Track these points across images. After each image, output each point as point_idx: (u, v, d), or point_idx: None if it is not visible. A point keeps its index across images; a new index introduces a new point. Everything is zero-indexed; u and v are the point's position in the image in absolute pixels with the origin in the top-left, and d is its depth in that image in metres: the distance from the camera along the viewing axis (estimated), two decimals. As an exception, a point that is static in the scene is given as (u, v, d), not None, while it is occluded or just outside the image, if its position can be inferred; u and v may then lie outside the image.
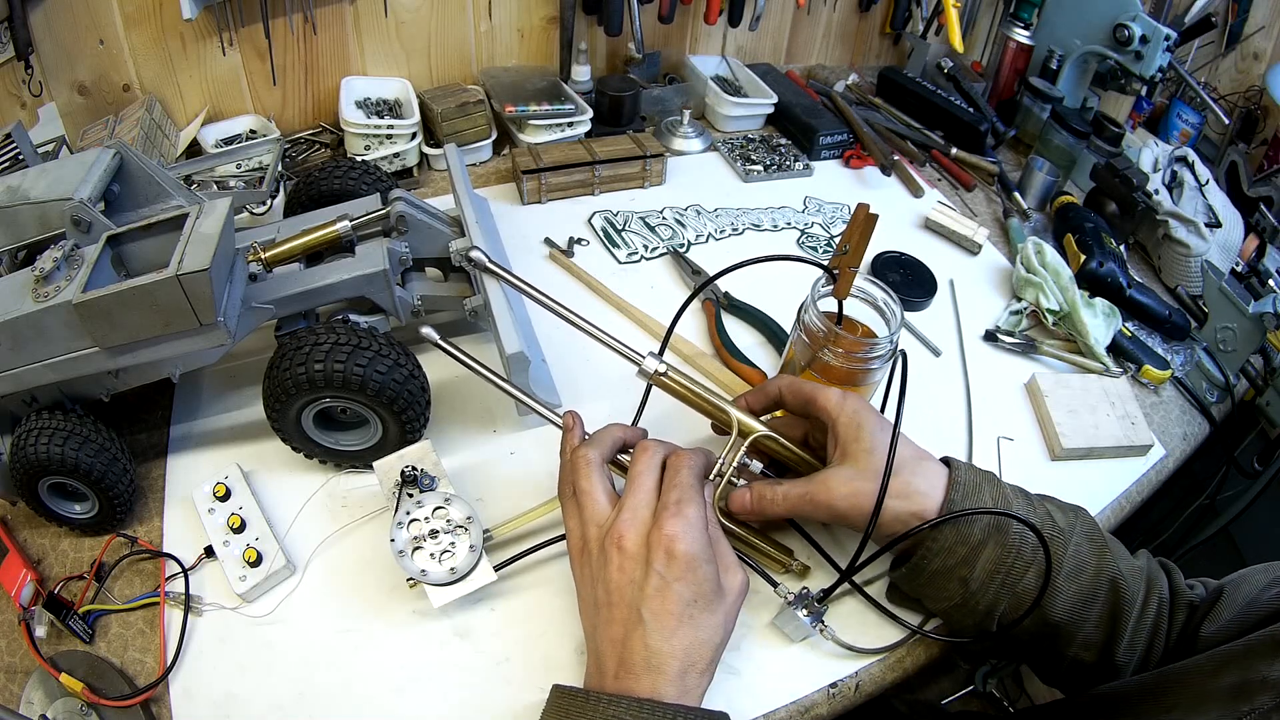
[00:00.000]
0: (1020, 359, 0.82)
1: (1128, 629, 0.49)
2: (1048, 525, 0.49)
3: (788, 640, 0.56)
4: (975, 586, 0.49)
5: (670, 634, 0.43)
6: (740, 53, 1.25)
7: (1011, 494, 0.51)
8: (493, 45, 1.07)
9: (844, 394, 0.53)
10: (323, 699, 0.51)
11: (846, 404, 0.52)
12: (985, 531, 0.49)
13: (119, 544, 0.59)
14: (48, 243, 0.56)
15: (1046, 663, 0.55)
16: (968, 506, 0.49)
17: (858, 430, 0.51)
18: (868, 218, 0.57)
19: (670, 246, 0.91)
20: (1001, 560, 0.48)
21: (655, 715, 0.41)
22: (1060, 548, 0.49)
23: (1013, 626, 0.50)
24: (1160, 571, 0.54)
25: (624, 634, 0.44)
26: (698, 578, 0.44)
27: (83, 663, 0.52)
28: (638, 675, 0.43)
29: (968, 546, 0.49)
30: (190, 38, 0.89)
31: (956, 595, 0.50)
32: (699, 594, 0.44)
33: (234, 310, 0.55)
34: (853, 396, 0.53)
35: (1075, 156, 1.08)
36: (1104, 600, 0.49)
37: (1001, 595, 0.49)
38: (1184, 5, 1.18)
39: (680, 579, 0.44)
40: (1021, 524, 0.48)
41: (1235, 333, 0.82)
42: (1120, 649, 0.50)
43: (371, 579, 0.57)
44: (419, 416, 0.61)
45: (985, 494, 0.50)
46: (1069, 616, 0.49)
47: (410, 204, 0.66)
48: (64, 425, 0.55)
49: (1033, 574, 0.48)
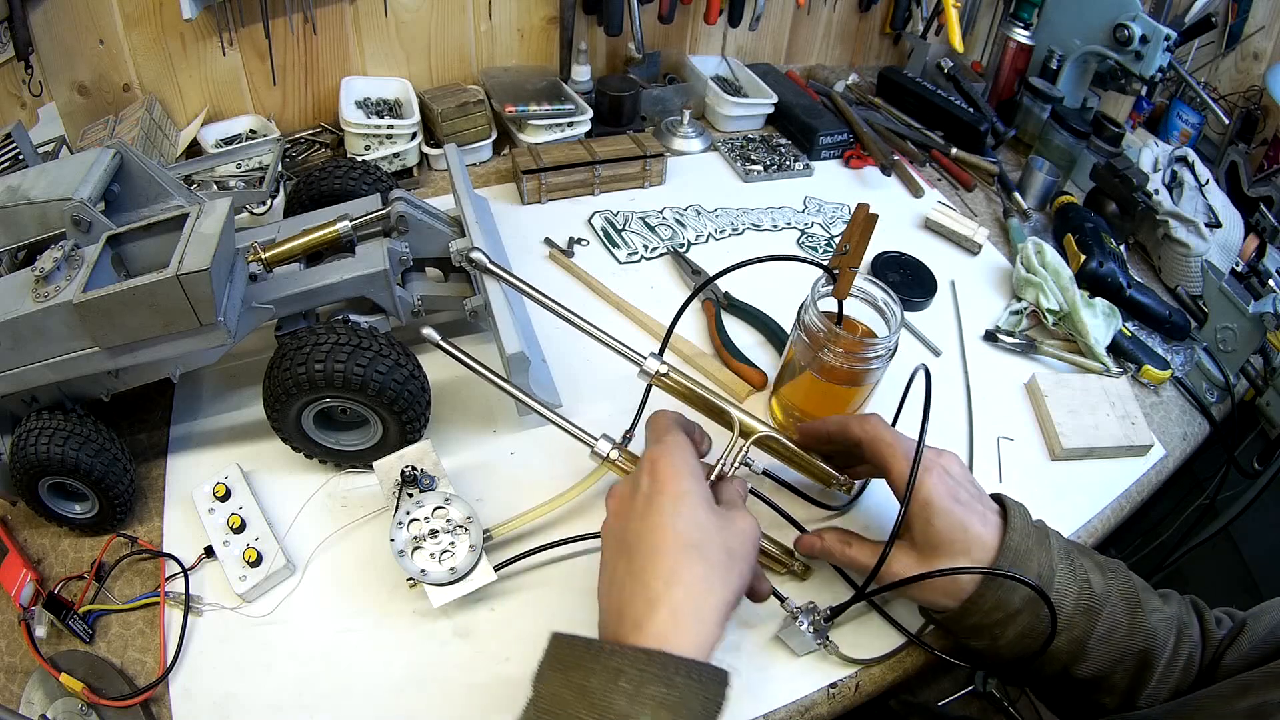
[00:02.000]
0: (1020, 359, 0.82)
1: (1154, 677, 0.50)
2: (1084, 595, 0.49)
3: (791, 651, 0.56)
4: (1003, 644, 0.50)
5: (670, 575, 0.43)
6: (740, 53, 1.25)
7: (1057, 558, 0.50)
8: (493, 45, 1.07)
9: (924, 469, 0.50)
10: (323, 699, 0.51)
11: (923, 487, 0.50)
12: (1024, 602, 0.49)
13: (119, 544, 0.59)
14: (48, 243, 0.57)
15: (1064, 704, 0.55)
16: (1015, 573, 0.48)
17: (926, 522, 0.50)
18: (868, 218, 0.57)
19: (670, 246, 0.91)
20: (1033, 628, 0.49)
21: (656, 666, 0.40)
22: (1095, 617, 0.49)
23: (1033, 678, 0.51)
24: (1191, 615, 0.53)
25: (625, 577, 0.45)
26: (685, 509, 0.45)
27: (83, 663, 0.52)
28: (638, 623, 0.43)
29: (1005, 613, 0.49)
30: (190, 38, 0.89)
31: (984, 644, 0.51)
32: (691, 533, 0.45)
33: (234, 310, 0.55)
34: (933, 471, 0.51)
35: (1075, 156, 1.08)
36: (1134, 657, 0.50)
37: (1029, 654, 0.50)
38: (1184, 5, 1.18)
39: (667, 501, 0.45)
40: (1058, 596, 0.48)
41: (1235, 333, 0.82)
42: (1143, 696, 0.50)
43: (371, 579, 0.57)
44: (419, 416, 0.61)
45: (1033, 560, 0.49)
46: (1096, 673, 0.50)
47: (410, 204, 0.66)
48: (64, 425, 0.55)
49: (1063, 640, 0.49)
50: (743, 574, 0.46)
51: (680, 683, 0.40)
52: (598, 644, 0.42)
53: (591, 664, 0.41)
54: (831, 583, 0.60)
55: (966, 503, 0.50)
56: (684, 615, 0.43)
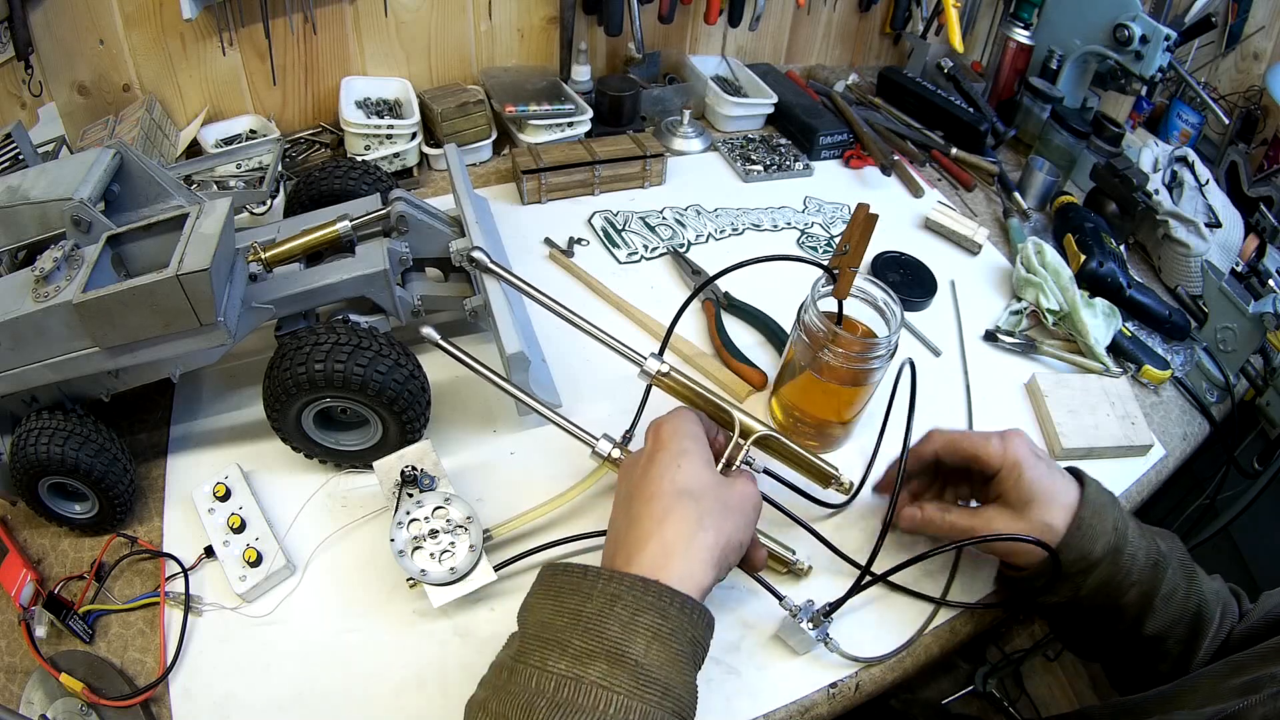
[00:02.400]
0: (1020, 359, 0.82)
1: (1204, 644, 0.53)
2: (1153, 551, 0.53)
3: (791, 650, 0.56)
4: (1084, 594, 0.53)
5: (663, 516, 0.45)
6: (740, 53, 1.25)
7: (1128, 519, 0.54)
8: (493, 45, 1.07)
9: (1004, 441, 0.55)
10: (323, 699, 0.51)
11: (1008, 453, 0.55)
12: (1104, 550, 0.52)
13: (119, 544, 0.59)
14: (48, 243, 0.57)
15: (1125, 669, 0.59)
16: (1094, 526, 0.52)
17: (1017, 479, 0.54)
18: (868, 218, 0.57)
19: (670, 246, 0.91)
20: (1112, 577, 0.52)
21: (652, 595, 0.41)
22: (1160, 575, 0.53)
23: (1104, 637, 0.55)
24: (1231, 597, 0.57)
25: (624, 524, 0.46)
26: (687, 465, 0.47)
27: (83, 663, 0.52)
28: (629, 557, 0.44)
29: (1087, 562, 0.52)
30: (190, 38, 0.89)
31: (1066, 596, 0.54)
32: (689, 483, 0.46)
33: (234, 310, 0.55)
34: (1015, 442, 0.55)
35: (1075, 156, 1.08)
36: (1189, 620, 0.53)
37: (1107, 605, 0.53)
38: (1184, 5, 1.18)
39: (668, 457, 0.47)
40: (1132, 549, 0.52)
41: (1235, 333, 0.82)
42: (1195, 661, 0.53)
43: (371, 579, 0.57)
44: (419, 416, 0.61)
45: (1109, 514, 0.53)
46: (1159, 630, 0.53)
47: (410, 204, 0.66)
48: (64, 425, 0.55)
49: (1134, 594, 0.52)
50: (738, 526, 0.47)
51: (674, 615, 0.41)
52: (595, 570, 0.43)
53: (589, 589, 0.41)
54: (831, 581, 0.60)
55: (1048, 461, 0.55)
56: (674, 550, 0.43)
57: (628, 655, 0.39)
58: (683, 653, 0.41)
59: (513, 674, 0.40)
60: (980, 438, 0.57)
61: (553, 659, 0.39)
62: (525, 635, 0.42)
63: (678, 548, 0.44)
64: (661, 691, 0.39)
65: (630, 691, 0.38)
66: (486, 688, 0.42)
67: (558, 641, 0.40)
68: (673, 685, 0.39)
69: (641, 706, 0.38)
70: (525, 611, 0.44)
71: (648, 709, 0.38)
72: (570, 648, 0.39)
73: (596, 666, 0.38)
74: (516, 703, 0.38)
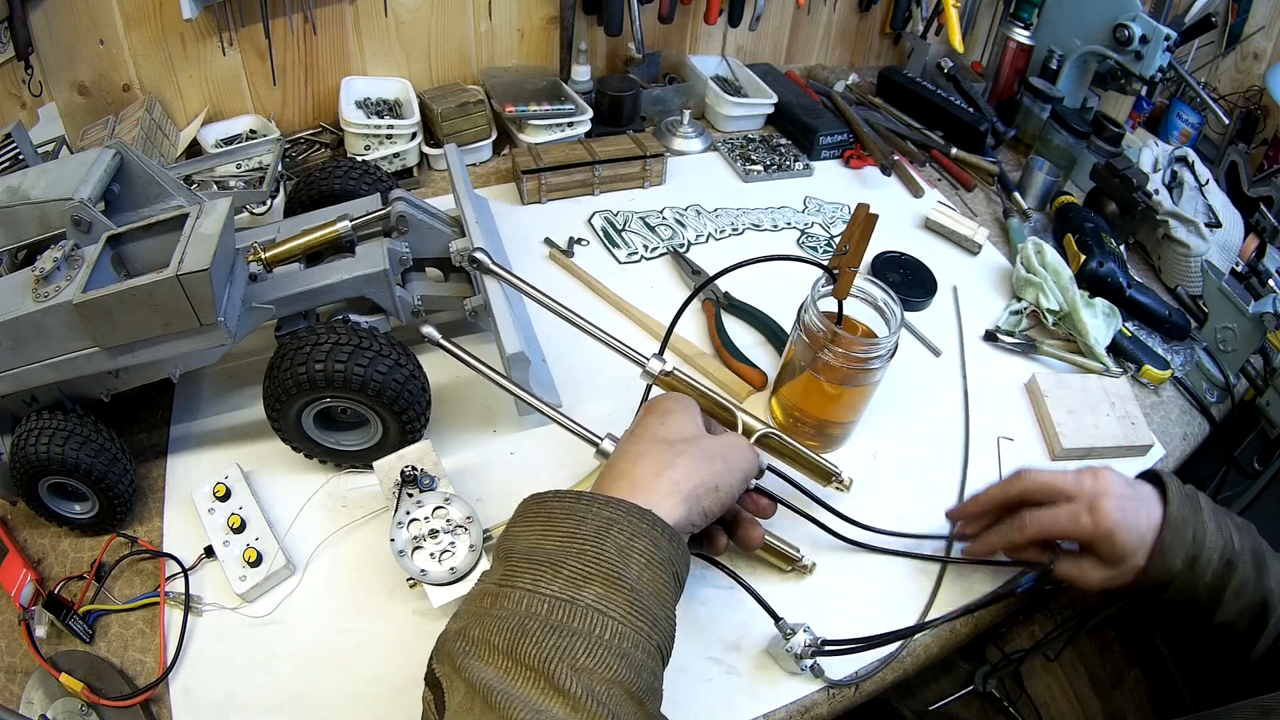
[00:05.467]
0: (1020, 359, 0.82)
1: (1266, 630, 0.53)
2: (1227, 550, 0.53)
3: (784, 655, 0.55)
4: (1166, 597, 0.54)
5: (637, 457, 0.46)
6: (740, 53, 1.25)
7: (1207, 518, 0.54)
8: (493, 45, 1.07)
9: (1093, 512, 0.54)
10: (323, 699, 0.51)
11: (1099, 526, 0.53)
12: (1183, 564, 0.52)
13: (119, 544, 0.59)
14: (48, 243, 0.56)
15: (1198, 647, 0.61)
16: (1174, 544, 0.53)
17: (1110, 548, 0.53)
18: (868, 218, 0.57)
19: (670, 246, 0.91)
20: (1187, 583, 0.53)
21: (647, 523, 0.40)
22: (1232, 571, 0.53)
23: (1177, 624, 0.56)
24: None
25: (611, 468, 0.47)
26: (671, 421, 0.49)
27: (83, 663, 0.52)
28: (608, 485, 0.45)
29: (1166, 578, 0.53)
30: (190, 38, 0.89)
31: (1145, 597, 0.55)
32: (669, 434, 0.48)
33: (234, 310, 0.55)
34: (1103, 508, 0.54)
35: (1075, 156, 1.08)
36: (1255, 609, 0.53)
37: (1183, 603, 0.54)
38: (1184, 5, 1.18)
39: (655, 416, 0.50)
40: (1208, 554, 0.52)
41: (1235, 333, 0.82)
42: (1257, 647, 0.53)
43: (371, 579, 0.57)
44: (419, 416, 0.61)
45: (1189, 528, 0.53)
46: (1227, 620, 0.53)
47: (410, 204, 0.66)
48: (64, 425, 0.55)
49: (1204, 591, 0.53)
50: (716, 471, 0.47)
51: (665, 546, 0.41)
52: (589, 495, 0.42)
53: (583, 513, 0.41)
54: (831, 582, 0.60)
55: (1133, 509, 0.54)
56: (641, 483, 0.44)
57: (624, 578, 0.38)
58: (668, 585, 0.40)
59: (497, 599, 0.38)
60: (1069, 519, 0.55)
61: (545, 581, 0.38)
62: (511, 560, 0.40)
63: (645, 481, 0.44)
64: (651, 622, 0.38)
65: (623, 618, 0.37)
66: (463, 618, 0.40)
67: (551, 563, 0.38)
68: (660, 619, 0.39)
69: (633, 635, 0.37)
70: (508, 540, 0.42)
71: (639, 638, 0.37)
72: (565, 569, 0.38)
73: (592, 589, 0.37)
74: (505, 626, 0.36)
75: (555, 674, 0.35)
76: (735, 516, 0.55)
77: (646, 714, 0.37)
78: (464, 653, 0.37)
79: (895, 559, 0.62)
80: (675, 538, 0.41)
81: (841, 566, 0.61)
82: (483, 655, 0.36)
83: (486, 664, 0.36)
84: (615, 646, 0.37)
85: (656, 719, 0.38)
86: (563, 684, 0.34)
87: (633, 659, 0.37)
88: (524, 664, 0.35)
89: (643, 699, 0.37)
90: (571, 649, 0.36)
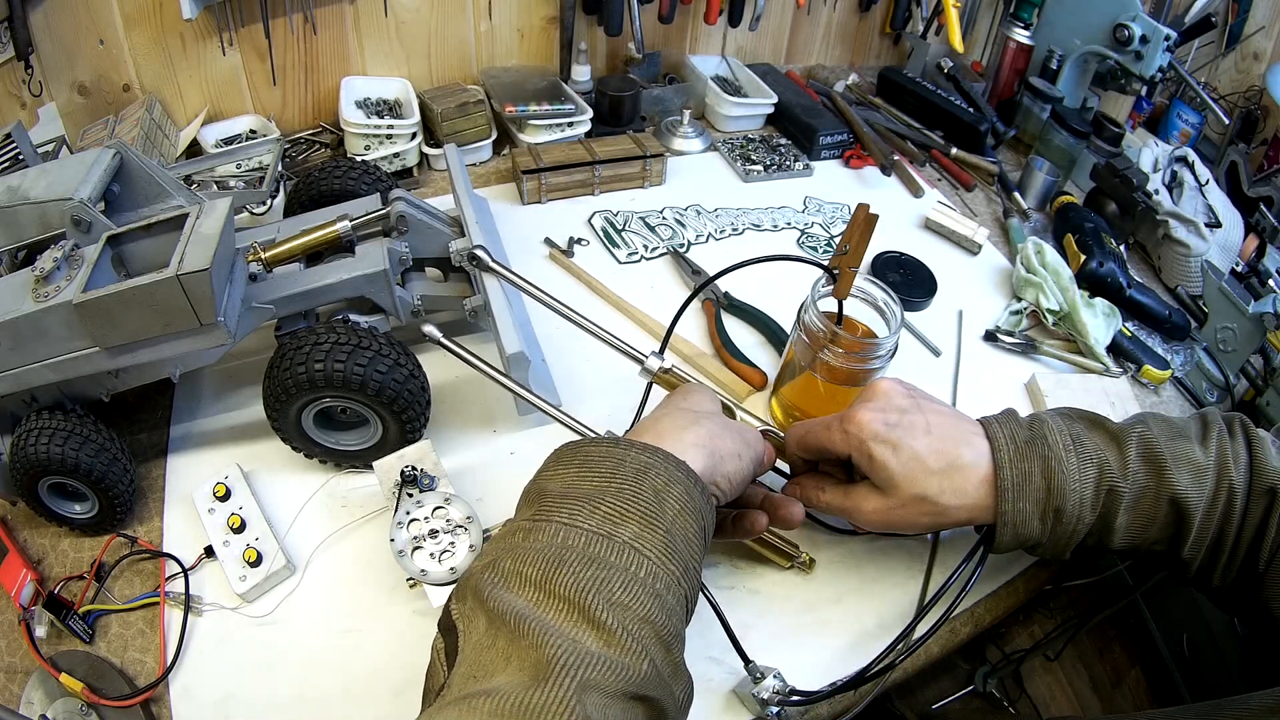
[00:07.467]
0: (1020, 359, 0.82)
1: (1192, 532, 0.48)
2: (1104, 478, 0.48)
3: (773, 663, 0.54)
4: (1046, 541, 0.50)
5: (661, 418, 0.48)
6: (740, 53, 1.25)
7: (1063, 454, 0.48)
8: (493, 45, 1.07)
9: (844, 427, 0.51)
10: (322, 699, 0.51)
11: (850, 439, 0.51)
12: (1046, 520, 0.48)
13: (119, 544, 0.59)
14: (48, 243, 0.56)
15: None
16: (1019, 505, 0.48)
17: (868, 464, 0.51)
18: (868, 218, 0.57)
19: (670, 246, 0.91)
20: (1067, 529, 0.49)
21: (681, 472, 0.40)
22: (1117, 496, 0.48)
23: None
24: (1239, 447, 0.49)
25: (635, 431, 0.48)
26: (693, 397, 0.50)
27: (83, 663, 0.52)
28: None
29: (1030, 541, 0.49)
30: (190, 38, 0.89)
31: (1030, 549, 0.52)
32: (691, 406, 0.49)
33: (234, 310, 0.55)
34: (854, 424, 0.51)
35: (1075, 156, 1.08)
36: (1163, 519, 0.48)
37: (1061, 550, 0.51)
38: (1184, 5, 1.18)
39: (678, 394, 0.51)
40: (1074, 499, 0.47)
41: (1235, 333, 0.82)
42: (1185, 549, 0.49)
43: (371, 579, 0.57)
44: (419, 416, 0.61)
45: (1035, 474, 0.48)
46: (1129, 544, 0.49)
47: (410, 204, 0.66)
48: (64, 425, 0.55)
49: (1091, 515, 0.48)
50: (734, 442, 0.47)
51: (697, 496, 0.41)
52: (626, 440, 0.42)
53: (621, 456, 0.41)
54: (830, 578, 0.60)
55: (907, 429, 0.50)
56: (664, 436, 0.44)
57: (661, 519, 0.38)
58: (698, 536, 0.40)
59: (530, 533, 0.38)
60: (823, 428, 0.52)
61: (582, 516, 0.37)
62: (545, 499, 0.39)
63: (672, 434, 0.44)
64: (683, 568, 0.38)
65: (659, 559, 0.37)
66: (491, 553, 0.38)
67: (589, 499, 0.38)
68: (690, 568, 0.39)
69: (666, 577, 0.37)
70: (541, 482, 0.42)
71: (670, 581, 0.37)
72: (603, 505, 0.38)
73: (629, 527, 0.37)
74: (541, 557, 0.36)
75: (590, 607, 0.34)
76: (766, 499, 0.53)
77: (673, 662, 0.37)
78: (492, 583, 0.36)
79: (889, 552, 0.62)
80: (705, 490, 0.41)
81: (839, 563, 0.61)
82: (513, 586, 0.36)
83: (517, 594, 0.35)
84: (650, 586, 0.36)
85: (681, 669, 0.38)
86: (598, 617, 0.34)
87: (665, 601, 0.37)
88: (558, 595, 0.35)
89: (670, 644, 0.36)
90: (609, 582, 0.35)
